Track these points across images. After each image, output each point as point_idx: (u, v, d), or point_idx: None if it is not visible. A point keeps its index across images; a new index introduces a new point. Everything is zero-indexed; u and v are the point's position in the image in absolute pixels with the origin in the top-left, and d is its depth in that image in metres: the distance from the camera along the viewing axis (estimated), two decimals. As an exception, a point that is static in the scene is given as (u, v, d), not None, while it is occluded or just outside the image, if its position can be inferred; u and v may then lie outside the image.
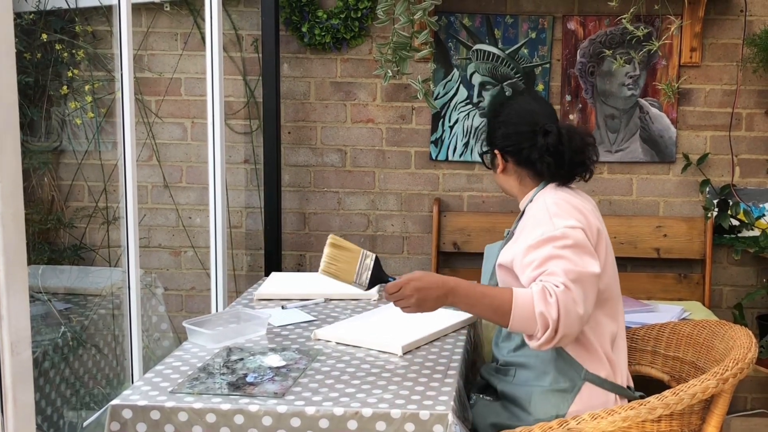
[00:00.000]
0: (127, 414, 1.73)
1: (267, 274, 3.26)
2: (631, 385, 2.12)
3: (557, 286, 1.80)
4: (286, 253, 3.65)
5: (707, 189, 3.50)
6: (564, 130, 2.09)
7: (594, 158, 2.12)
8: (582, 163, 2.10)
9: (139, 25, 3.57)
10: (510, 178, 2.18)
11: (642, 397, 2.15)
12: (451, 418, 1.69)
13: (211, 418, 1.71)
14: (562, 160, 2.07)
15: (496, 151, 2.17)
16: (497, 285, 2.05)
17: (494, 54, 3.50)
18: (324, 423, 1.70)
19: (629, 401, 2.00)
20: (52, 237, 3.63)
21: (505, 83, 3.51)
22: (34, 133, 3.51)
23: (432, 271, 3.56)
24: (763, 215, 3.50)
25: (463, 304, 1.86)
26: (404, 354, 2.06)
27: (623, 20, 2.90)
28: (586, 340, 1.98)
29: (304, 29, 3.50)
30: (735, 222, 3.48)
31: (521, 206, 2.18)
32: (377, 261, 1.94)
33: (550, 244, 1.89)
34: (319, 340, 2.17)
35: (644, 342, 2.34)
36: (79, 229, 3.65)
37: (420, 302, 1.85)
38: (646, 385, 2.73)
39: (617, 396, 2.01)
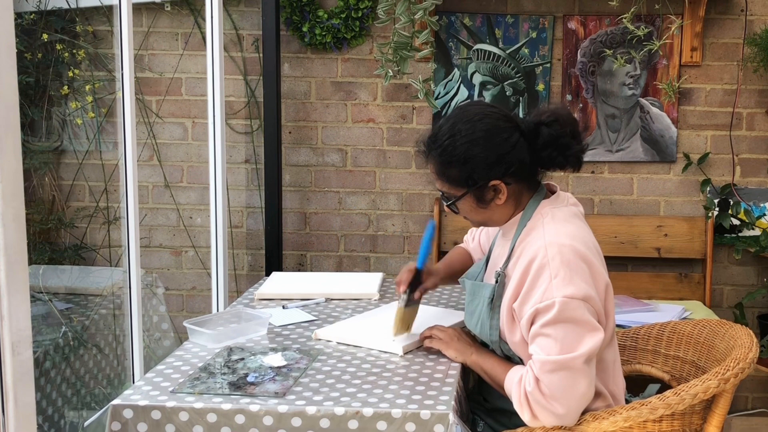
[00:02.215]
0: (128, 414, 1.73)
1: (268, 274, 3.26)
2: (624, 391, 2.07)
3: (529, 385, 1.77)
4: (287, 252, 3.65)
5: (708, 188, 3.50)
6: (559, 111, 1.90)
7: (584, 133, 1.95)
8: (581, 143, 1.92)
9: (139, 24, 3.58)
10: (508, 203, 1.93)
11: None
12: (452, 417, 1.69)
13: (212, 417, 1.71)
14: (568, 147, 1.88)
15: (495, 183, 1.88)
16: (490, 327, 1.94)
17: (495, 54, 3.50)
18: (325, 423, 1.70)
19: None
20: (52, 237, 3.63)
21: (505, 83, 3.51)
22: (35, 133, 3.51)
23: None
24: (764, 215, 3.50)
25: (478, 368, 2.00)
26: (405, 354, 2.06)
27: (624, 20, 2.90)
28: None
29: (304, 29, 3.50)
30: (736, 221, 3.48)
31: (508, 228, 1.97)
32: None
33: (539, 320, 1.77)
34: (319, 339, 2.17)
35: (645, 341, 2.33)
36: (79, 229, 3.65)
37: (448, 341, 2.04)
38: (646, 385, 2.73)
39: None
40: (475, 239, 2.41)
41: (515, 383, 1.81)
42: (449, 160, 1.89)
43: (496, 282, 1.92)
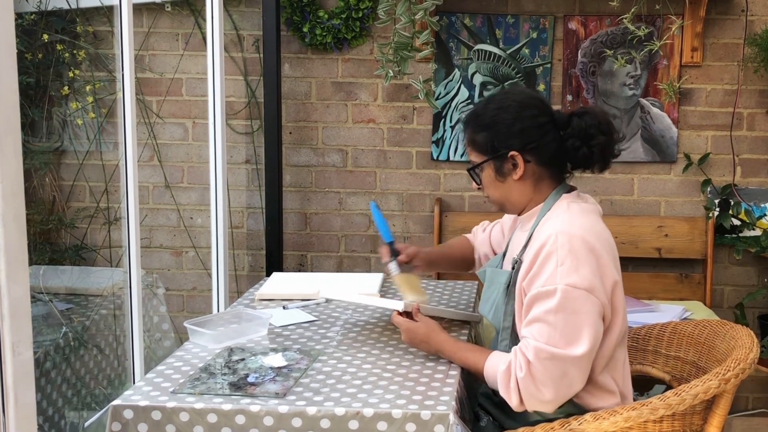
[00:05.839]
0: (128, 414, 1.73)
1: (268, 275, 3.26)
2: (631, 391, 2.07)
3: (520, 370, 1.79)
4: (288, 253, 3.65)
5: (708, 189, 3.50)
6: (593, 107, 1.95)
7: (620, 136, 1.96)
8: (614, 146, 1.95)
9: (140, 25, 3.58)
10: (526, 184, 1.97)
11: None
12: (452, 418, 1.69)
13: (212, 418, 1.71)
14: (592, 137, 1.91)
15: (513, 154, 1.93)
16: (504, 313, 1.96)
17: (495, 54, 3.50)
18: (325, 423, 1.70)
19: None
20: (53, 237, 3.63)
21: (506, 83, 3.51)
22: (36, 133, 3.51)
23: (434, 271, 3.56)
24: (765, 215, 3.50)
25: (447, 358, 2.01)
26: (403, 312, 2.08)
27: (624, 20, 2.90)
28: (600, 384, 1.90)
29: (305, 29, 3.50)
30: (736, 222, 3.48)
31: (526, 219, 2.01)
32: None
33: (541, 305, 1.79)
34: (328, 300, 2.40)
35: (645, 342, 2.33)
36: (80, 230, 3.65)
37: (410, 337, 2.04)
38: (647, 385, 2.73)
39: None
40: (486, 231, 2.43)
41: (502, 371, 1.83)
42: (478, 124, 1.98)
43: (513, 268, 1.95)
